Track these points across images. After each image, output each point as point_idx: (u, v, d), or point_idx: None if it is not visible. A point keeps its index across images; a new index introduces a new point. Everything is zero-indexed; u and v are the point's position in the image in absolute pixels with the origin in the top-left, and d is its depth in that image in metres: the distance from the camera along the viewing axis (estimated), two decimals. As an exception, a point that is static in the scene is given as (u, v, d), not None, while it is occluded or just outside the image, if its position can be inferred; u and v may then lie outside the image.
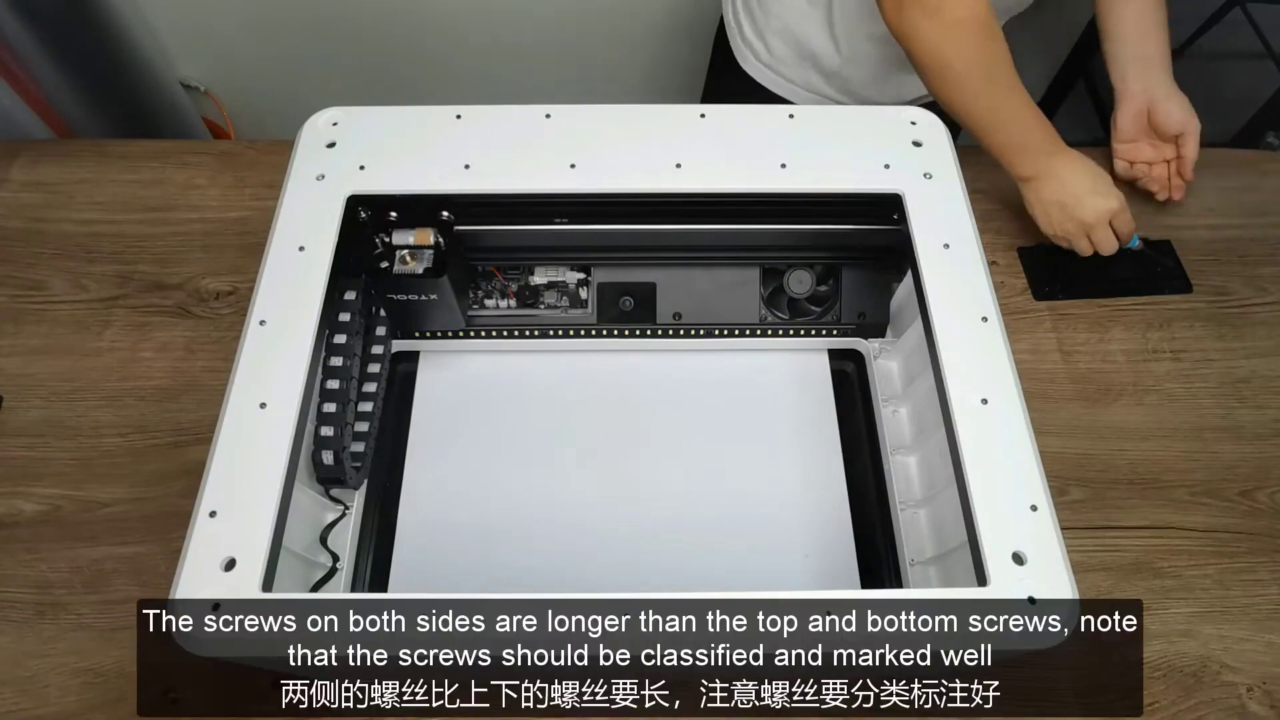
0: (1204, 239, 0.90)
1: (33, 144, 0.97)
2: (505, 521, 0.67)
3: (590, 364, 0.75)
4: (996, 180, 0.86)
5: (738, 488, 0.69)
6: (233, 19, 1.35)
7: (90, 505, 0.71)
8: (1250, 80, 2.10)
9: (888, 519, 0.67)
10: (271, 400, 0.55)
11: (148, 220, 0.89)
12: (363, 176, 0.65)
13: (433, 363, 0.75)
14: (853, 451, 0.71)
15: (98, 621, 0.66)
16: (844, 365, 0.76)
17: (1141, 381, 0.80)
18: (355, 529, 0.66)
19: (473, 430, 0.71)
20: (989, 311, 0.59)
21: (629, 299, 0.73)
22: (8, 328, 0.81)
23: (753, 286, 0.73)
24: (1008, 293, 0.85)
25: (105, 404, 0.76)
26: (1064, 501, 0.73)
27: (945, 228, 0.63)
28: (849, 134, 0.69)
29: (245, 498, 0.51)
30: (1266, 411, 0.79)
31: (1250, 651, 0.67)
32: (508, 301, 0.73)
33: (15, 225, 0.88)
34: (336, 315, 0.63)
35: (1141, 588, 0.69)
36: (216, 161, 0.94)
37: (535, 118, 0.69)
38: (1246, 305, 0.86)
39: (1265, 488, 0.74)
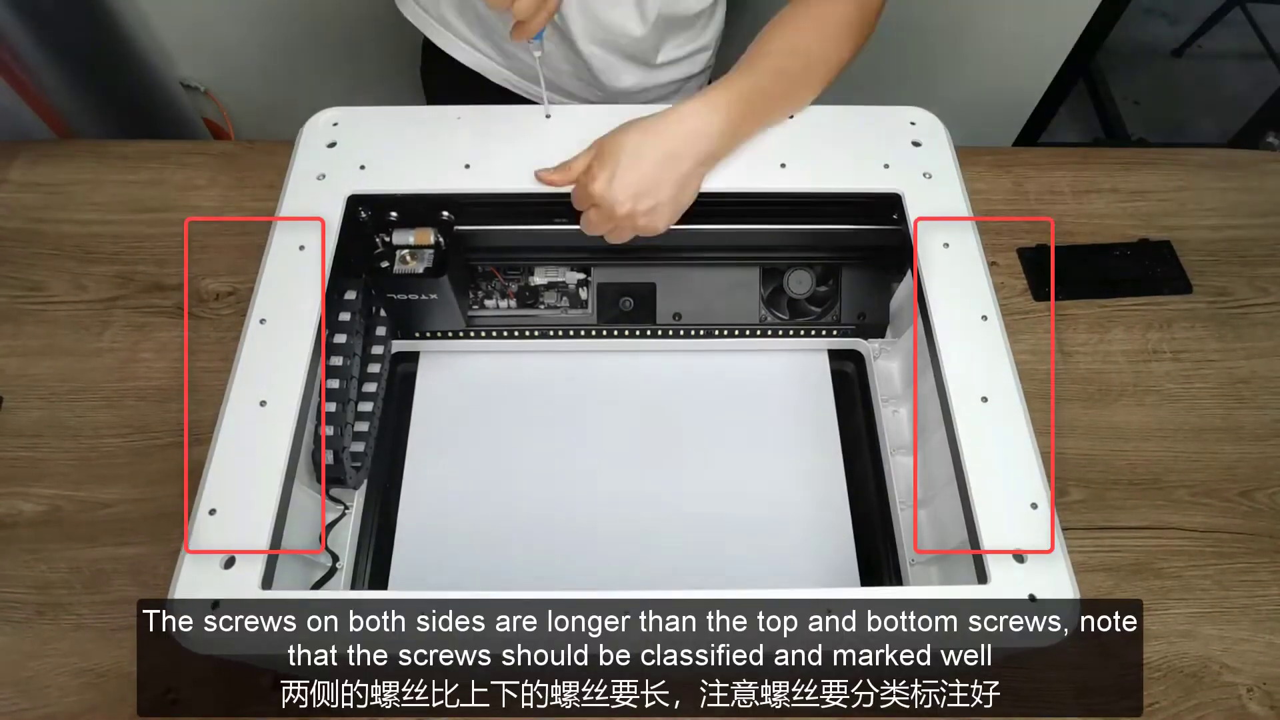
0: (1204, 239, 0.90)
1: (33, 144, 0.97)
2: (505, 521, 0.67)
3: (590, 364, 0.75)
4: (996, 180, 0.86)
5: (738, 488, 0.69)
6: (233, 19, 1.35)
7: (90, 506, 0.71)
8: (1250, 80, 2.10)
9: (888, 518, 0.67)
10: (271, 399, 0.55)
11: (147, 221, 0.89)
12: (363, 176, 0.65)
13: (433, 363, 0.75)
14: (853, 451, 0.71)
15: (98, 622, 0.66)
16: (844, 365, 0.76)
17: (1141, 382, 0.80)
18: (355, 528, 0.66)
19: (472, 430, 0.71)
20: (989, 311, 0.59)
21: (629, 299, 0.73)
22: (7, 328, 0.81)
23: (752, 287, 0.73)
24: (1008, 293, 0.86)
25: (105, 404, 0.76)
26: (1064, 501, 0.73)
27: (945, 228, 0.63)
28: (849, 134, 0.69)
29: (245, 497, 0.51)
30: (1266, 412, 0.79)
31: (1250, 652, 0.67)
32: (508, 302, 0.73)
33: (15, 226, 0.88)
34: (336, 315, 0.63)
35: (1141, 588, 0.69)
36: (216, 162, 0.94)
37: (535, 118, 0.69)
38: (1247, 306, 0.86)
39: (1265, 488, 0.74)
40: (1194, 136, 2.05)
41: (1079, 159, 0.97)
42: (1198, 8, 2.18)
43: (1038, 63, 1.47)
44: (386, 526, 0.67)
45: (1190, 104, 2.12)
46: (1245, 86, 2.08)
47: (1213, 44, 2.20)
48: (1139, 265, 0.87)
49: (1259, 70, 2.11)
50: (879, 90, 1.50)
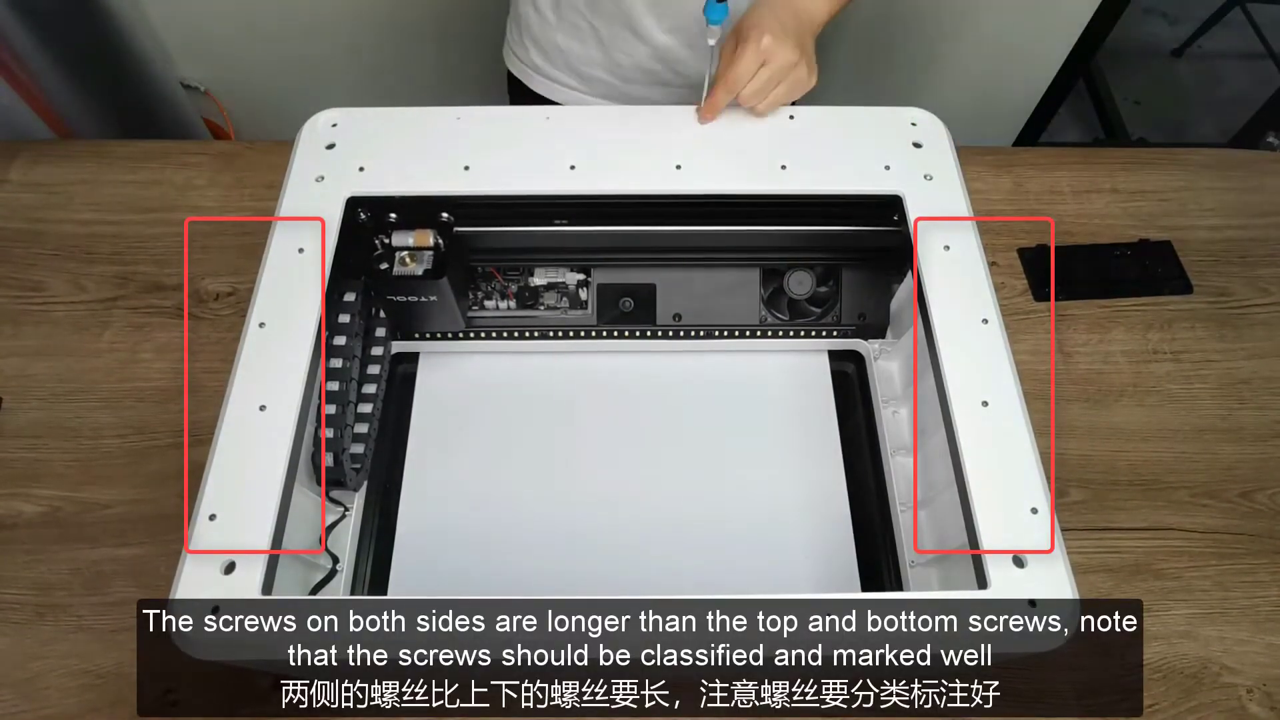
0: (1204, 239, 0.90)
1: (33, 144, 0.97)
2: (505, 522, 0.67)
3: (590, 365, 0.75)
4: (996, 181, 0.86)
5: (738, 488, 0.69)
6: (233, 19, 1.35)
7: (90, 507, 0.71)
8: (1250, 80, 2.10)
9: (888, 519, 0.67)
10: (271, 402, 0.55)
11: (147, 221, 0.89)
12: (362, 178, 0.65)
13: (432, 364, 0.75)
14: (853, 452, 0.71)
15: (97, 623, 0.66)
16: (844, 366, 0.76)
17: (1142, 382, 0.80)
18: (355, 530, 0.66)
19: (472, 431, 0.71)
20: (989, 313, 0.59)
21: (629, 300, 0.73)
22: (7, 329, 0.81)
23: (753, 288, 0.73)
24: (1008, 294, 0.86)
25: (104, 405, 0.76)
26: (1064, 502, 0.73)
27: (945, 229, 0.63)
28: (849, 135, 0.69)
29: (245, 499, 0.51)
30: (1267, 413, 0.79)
31: (1250, 653, 0.67)
32: (507, 303, 0.73)
33: (15, 226, 0.88)
34: (336, 317, 0.63)
35: (1141, 589, 0.69)
36: (216, 162, 0.94)
37: (535, 118, 0.69)
38: (1247, 306, 0.86)
39: (1265, 489, 0.74)
40: (1194, 136, 2.05)
41: (1079, 159, 0.97)
42: (1198, 8, 2.17)
43: (1038, 62, 1.47)
44: (386, 527, 0.67)
45: (1190, 104, 2.12)
46: (1245, 86, 2.09)
47: (1213, 44, 2.20)
48: (1139, 265, 0.87)
49: (1259, 70, 2.11)
50: (879, 91, 1.50)
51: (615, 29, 0.86)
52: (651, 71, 0.89)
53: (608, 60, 0.89)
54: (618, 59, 0.88)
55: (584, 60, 0.90)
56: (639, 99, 0.92)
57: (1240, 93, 2.06)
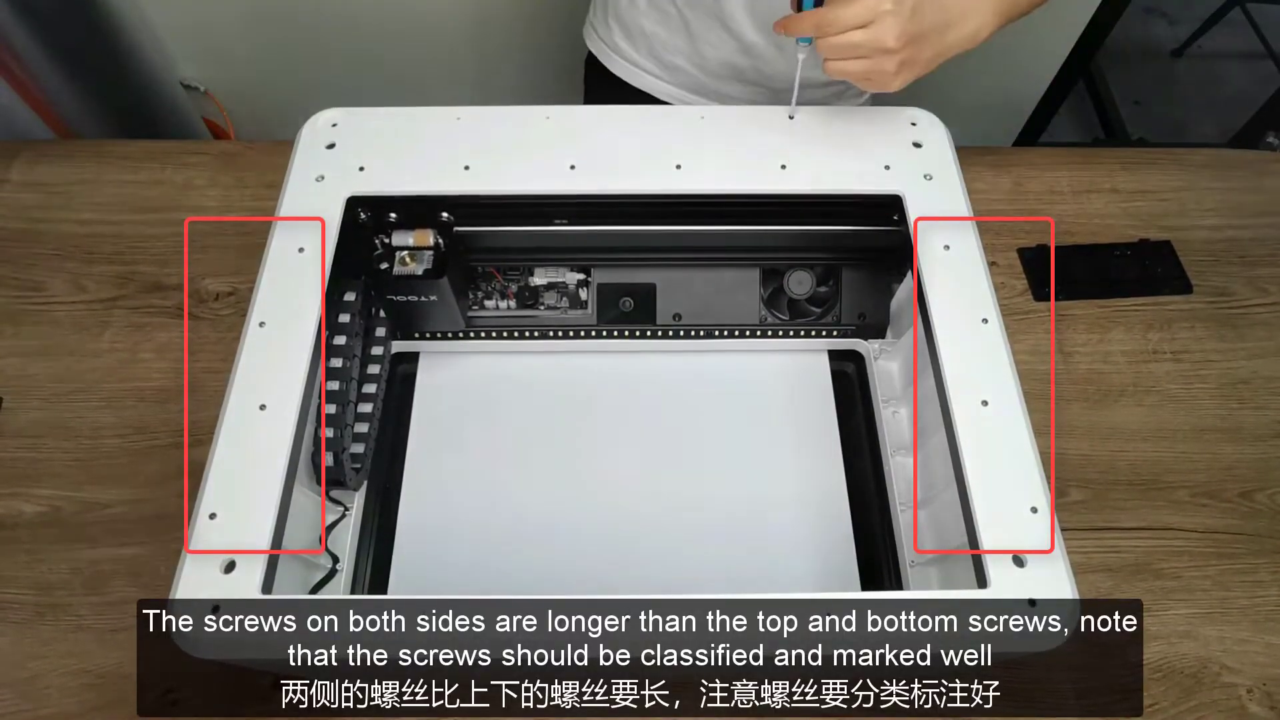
0: (1204, 239, 0.90)
1: (33, 144, 0.97)
2: (505, 522, 0.67)
3: (590, 365, 0.75)
4: (996, 181, 0.86)
5: (738, 488, 0.69)
6: (233, 19, 1.35)
7: (90, 506, 0.71)
8: (1250, 80, 2.10)
9: (888, 519, 0.67)
10: (271, 402, 0.55)
11: (147, 221, 0.89)
12: (362, 177, 0.65)
13: (432, 364, 0.75)
14: (853, 452, 0.71)
15: (97, 623, 0.66)
16: (844, 366, 0.76)
17: (1142, 382, 0.80)
18: (355, 530, 0.66)
19: (472, 431, 0.71)
20: (989, 313, 0.59)
21: (629, 300, 0.73)
22: (7, 328, 0.81)
23: (753, 287, 0.73)
24: (1008, 293, 0.86)
25: (105, 405, 0.76)
26: (1064, 502, 0.73)
27: (945, 229, 0.63)
28: (849, 135, 0.69)
29: (245, 499, 0.51)
30: (1267, 413, 0.79)
31: (1250, 653, 0.67)
32: (507, 302, 0.73)
33: (15, 226, 0.88)
34: (336, 316, 0.63)
35: (1141, 589, 0.69)
36: (216, 162, 0.94)
37: (535, 118, 0.69)
38: (1247, 306, 0.86)
39: (1265, 489, 0.74)
40: (1194, 136, 2.05)
41: (1079, 159, 0.97)
42: (1198, 8, 2.18)
43: (1038, 63, 1.47)
44: (386, 527, 0.67)
45: (1190, 104, 2.12)
46: (1245, 86, 2.09)
47: (1213, 44, 2.20)
48: (1139, 265, 0.87)
49: (1259, 70, 2.11)
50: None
51: (706, 21, 0.84)
52: (736, 68, 0.87)
53: (693, 51, 0.87)
54: (704, 51, 0.86)
55: (669, 48, 0.88)
56: (720, 94, 0.90)
57: (1240, 93, 2.06)
